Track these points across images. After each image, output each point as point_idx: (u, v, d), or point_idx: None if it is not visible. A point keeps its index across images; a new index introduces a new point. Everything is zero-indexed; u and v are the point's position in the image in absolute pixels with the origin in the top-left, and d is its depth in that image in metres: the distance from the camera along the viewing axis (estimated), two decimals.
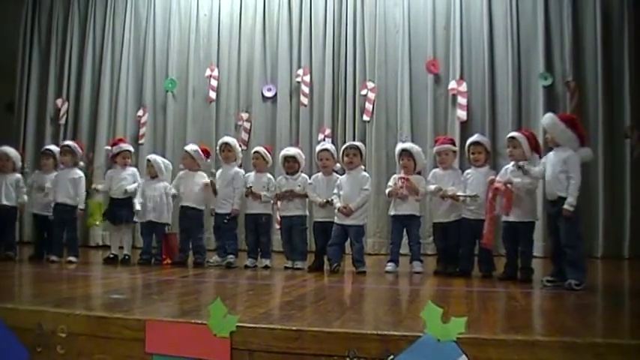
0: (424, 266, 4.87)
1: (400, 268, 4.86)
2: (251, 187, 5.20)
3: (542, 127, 4.14)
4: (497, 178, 4.35)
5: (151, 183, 5.41)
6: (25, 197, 5.68)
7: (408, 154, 4.95)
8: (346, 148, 5.09)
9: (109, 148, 5.81)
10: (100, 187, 5.77)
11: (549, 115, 4.16)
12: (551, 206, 3.99)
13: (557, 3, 7.04)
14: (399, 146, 5.13)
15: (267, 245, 5.31)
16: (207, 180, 5.33)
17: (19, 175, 5.71)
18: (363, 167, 5.13)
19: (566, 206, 3.79)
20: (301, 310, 2.84)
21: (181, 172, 5.49)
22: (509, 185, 4.20)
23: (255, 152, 5.43)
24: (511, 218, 4.28)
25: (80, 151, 5.77)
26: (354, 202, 4.80)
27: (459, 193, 4.64)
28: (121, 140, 5.93)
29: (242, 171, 5.42)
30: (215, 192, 5.31)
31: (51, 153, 5.78)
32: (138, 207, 5.35)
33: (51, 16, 8.46)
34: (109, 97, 8.08)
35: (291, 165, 5.24)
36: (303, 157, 5.37)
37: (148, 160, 5.49)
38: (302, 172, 5.31)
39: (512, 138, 4.39)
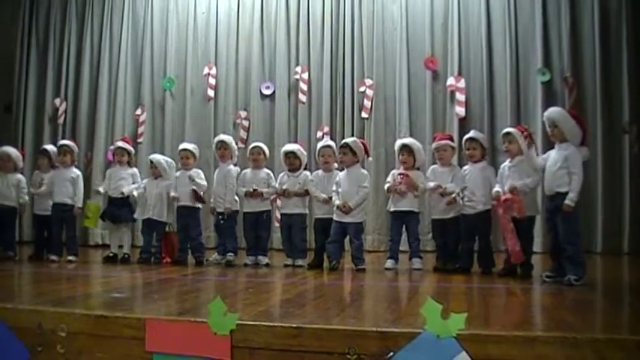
0: (423, 263, 4.88)
1: (399, 264, 4.86)
2: (256, 189, 5.17)
3: (547, 121, 4.06)
4: (501, 189, 4.28)
5: (153, 182, 5.41)
6: (26, 197, 5.69)
7: (408, 149, 4.94)
8: (340, 146, 5.09)
9: (113, 147, 5.85)
10: (100, 188, 5.77)
11: (559, 109, 4.14)
12: (550, 201, 3.99)
13: None
14: (400, 141, 5.13)
15: (265, 241, 5.31)
16: (192, 187, 5.29)
17: (20, 176, 5.73)
18: (368, 158, 5.08)
19: (567, 201, 3.77)
20: (301, 307, 2.84)
21: (177, 173, 5.45)
22: (515, 192, 4.17)
23: (257, 147, 5.40)
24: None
25: (77, 149, 5.79)
26: (352, 201, 4.79)
27: (454, 195, 4.62)
28: (124, 139, 5.94)
29: (236, 168, 5.40)
30: (201, 200, 5.31)
31: (47, 153, 5.78)
32: (135, 193, 5.40)
33: (48, 16, 8.44)
34: (108, 96, 8.08)
35: (291, 161, 5.23)
36: (305, 153, 5.35)
37: (151, 162, 5.47)
38: (304, 169, 5.30)
39: (508, 133, 4.41)
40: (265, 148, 5.45)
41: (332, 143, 5.32)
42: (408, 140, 5.13)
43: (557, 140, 4.00)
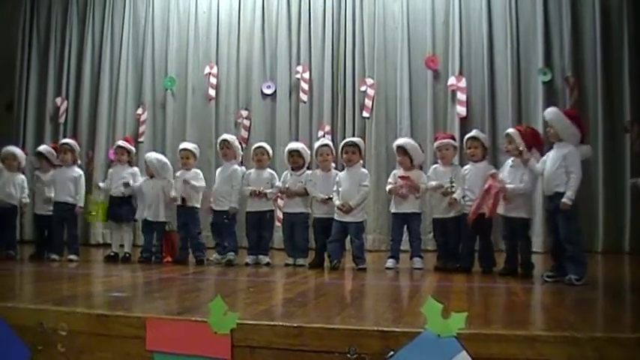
0: (424, 262, 4.87)
1: (400, 264, 4.86)
2: (262, 189, 5.17)
3: (544, 121, 4.11)
4: (499, 177, 4.32)
5: (149, 181, 5.41)
6: (28, 199, 5.68)
7: (402, 150, 4.93)
8: (345, 145, 5.08)
9: (114, 146, 5.87)
10: (101, 184, 5.78)
11: (554, 109, 4.14)
12: (549, 202, 3.99)
13: None
14: (394, 143, 5.13)
15: (267, 241, 5.31)
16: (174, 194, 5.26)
17: (22, 176, 5.73)
18: (362, 162, 5.11)
19: (564, 199, 3.77)
20: (302, 306, 2.84)
21: (178, 173, 5.45)
22: (500, 192, 4.21)
23: (260, 147, 5.39)
24: (509, 214, 4.31)
25: (79, 148, 5.79)
26: (353, 200, 4.79)
27: (454, 196, 4.63)
28: (125, 139, 5.94)
29: (241, 168, 5.40)
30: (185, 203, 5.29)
31: (42, 154, 5.77)
32: (132, 181, 5.40)
33: (50, 15, 8.45)
34: (109, 95, 8.09)
35: (295, 160, 5.23)
36: (308, 152, 5.34)
37: (145, 161, 5.48)
38: (307, 168, 5.28)
39: (507, 134, 4.42)
40: (269, 148, 5.44)
41: (330, 142, 5.32)
42: (402, 141, 5.09)
43: (554, 140, 4.02)
